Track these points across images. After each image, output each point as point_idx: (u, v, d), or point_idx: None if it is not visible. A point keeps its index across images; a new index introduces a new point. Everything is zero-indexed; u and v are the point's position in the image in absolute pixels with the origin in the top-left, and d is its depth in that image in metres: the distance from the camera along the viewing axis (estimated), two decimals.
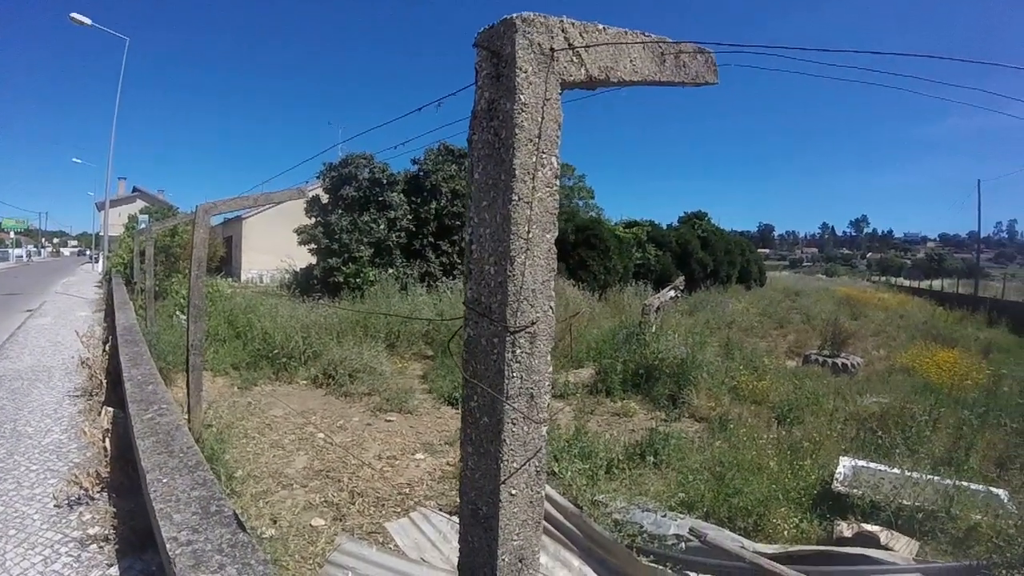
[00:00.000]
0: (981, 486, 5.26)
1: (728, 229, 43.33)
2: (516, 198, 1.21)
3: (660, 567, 3.98)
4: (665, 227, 31.73)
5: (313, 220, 20.70)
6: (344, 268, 18.91)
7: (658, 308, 12.11)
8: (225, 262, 33.76)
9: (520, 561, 1.31)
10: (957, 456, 6.15)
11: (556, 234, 1.32)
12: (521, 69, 1.19)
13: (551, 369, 1.32)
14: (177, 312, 12.27)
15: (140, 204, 50.12)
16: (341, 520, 4.90)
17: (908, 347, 13.67)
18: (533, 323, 1.26)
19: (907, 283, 55.18)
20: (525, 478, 1.30)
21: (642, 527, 4.49)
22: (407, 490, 5.65)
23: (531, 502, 1.33)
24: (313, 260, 20.76)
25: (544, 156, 1.24)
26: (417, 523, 4.45)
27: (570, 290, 16.61)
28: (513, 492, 1.29)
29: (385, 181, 20.38)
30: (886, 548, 4.36)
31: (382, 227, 19.71)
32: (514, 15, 1.21)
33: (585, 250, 22.10)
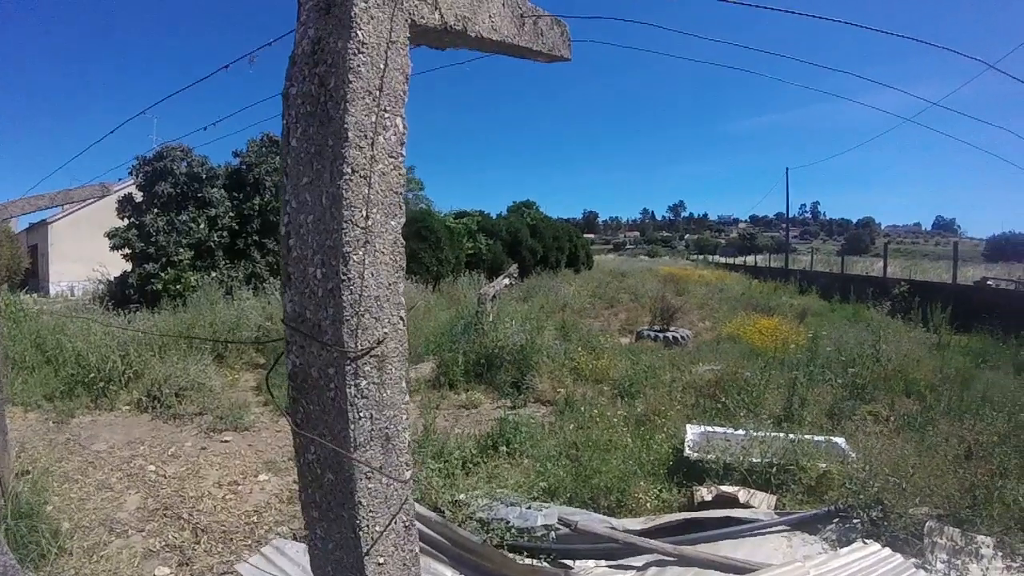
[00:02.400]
0: (821, 437, 5.69)
1: (555, 217, 45.60)
2: (349, 170, 0.87)
3: (537, 562, 3.88)
4: (495, 217, 32.68)
5: (126, 222, 18.38)
6: (162, 274, 17.02)
7: (493, 296, 12.08)
8: (31, 275, 29.53)
9: None
10: (793, 412, 6.66)
11: (403, 220, 1.01)
12: None
13: (408, 398, 1.00)
14: None
15: None
16: (188, 564, 4.32)
17: (731, 317, 14.68)
18: (380, 342, 0.95)
19: (723, 260, 61.22)
20: (393, 539, 1.00)
21: (509, 522, 4.33)
22: (255, 518, 5.15)
23: (404, 564, 1.04)
24: (128, 267, 18.52)
25: (387, 115, 0.92)
26: (271, 558, 3.96)
27: (404, 283, 16.30)
28: (381, 561, 0.98)
29: (204, 176, 18.56)
30: (746, 506, 4.57)
31: (202, 227, 17.97)
32: None
33: (416, 242, 21.91)
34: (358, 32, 0.89)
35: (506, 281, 14.60)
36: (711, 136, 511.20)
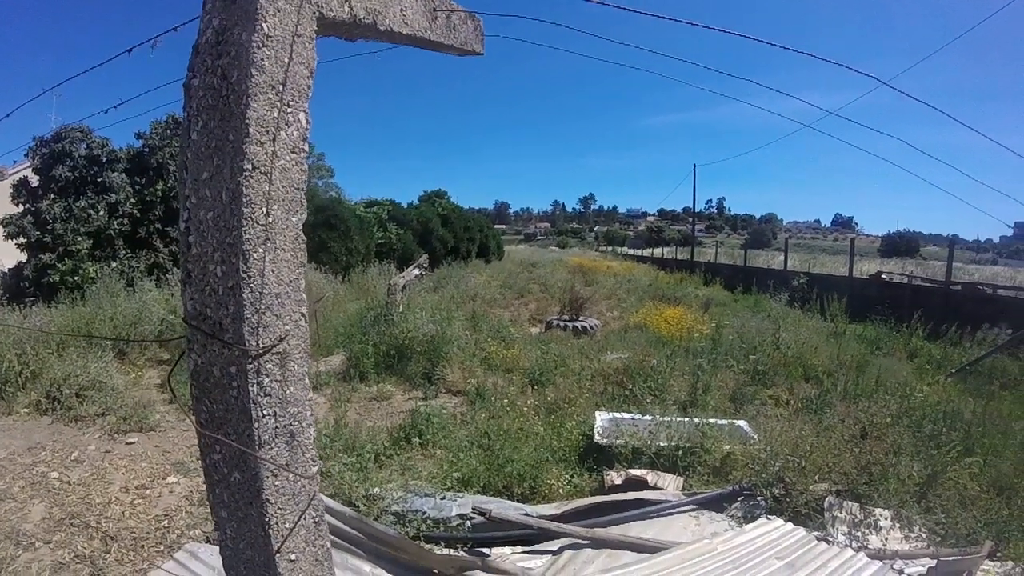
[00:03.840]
0: (724, 420, 5.98)
1: (467, 207, 45.58)
2: (250, 166, 0.84)
3: (454, 551, 3.89)
4: (406, 206, 32.11)
5: (21, 208, 16.90)
6: (59, 265, 15.76)
7: (404, 287, 11.97)
8: None
9: None
10: (698, 398, 6.96)
11: (305, 216, 0.99)
12: None
13: (311, 394, 1.00)
14: None
15: None
16: (99, 575, 4.16)
17: (638, 307, 15.11)
18: (282, 339, 0.92)
19: (631, 252, 63.21)
20: (303, 535, 0.99)
21: (424, 514, 4.34)
22: (166, 522, 4.97)
23: (317, 560, 1.03)
24: (24, 257, 17.08)
25: (290, 111, 0.89)
26: (185, 563, 3.78)
27: (313, 274, 16.02)
28: (293, 558, 0.98)
29: (105, 159, 17.12)
30: (655, 488, 4.73)
31: (102, 214, 16.67)
32: None
33: (326, 231, 21.19)
34: (263, 24, 0.86)
35: (416, 271, 14.46)
36: (623, 130, 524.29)
